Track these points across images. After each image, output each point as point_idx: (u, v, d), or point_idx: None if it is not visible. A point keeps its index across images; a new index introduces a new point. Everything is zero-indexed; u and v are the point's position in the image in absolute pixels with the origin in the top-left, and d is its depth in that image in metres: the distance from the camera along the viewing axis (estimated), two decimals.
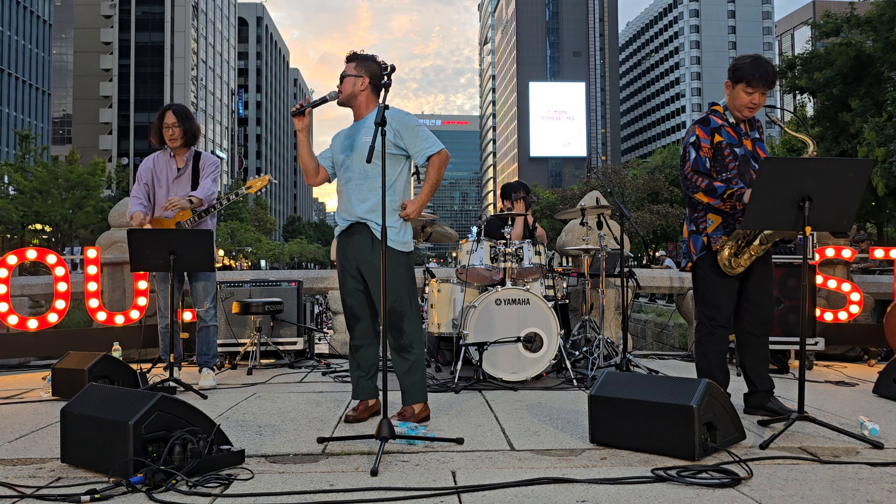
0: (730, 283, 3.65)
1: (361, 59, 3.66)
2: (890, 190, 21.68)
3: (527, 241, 5.00)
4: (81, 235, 39.13)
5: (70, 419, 2.85)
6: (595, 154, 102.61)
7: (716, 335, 3.68)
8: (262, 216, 70.40)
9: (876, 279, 7.00)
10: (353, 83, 3.63)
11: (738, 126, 3.68)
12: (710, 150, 3.63)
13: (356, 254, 3.61)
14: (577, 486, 2.56)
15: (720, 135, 3.63)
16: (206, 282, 4.86)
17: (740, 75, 3.56)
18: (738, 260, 3.57)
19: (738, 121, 3.70)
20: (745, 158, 3.63)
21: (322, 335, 7.77)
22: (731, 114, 3.67)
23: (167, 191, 4.84)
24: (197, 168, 4.88)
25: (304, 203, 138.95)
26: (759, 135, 3.77)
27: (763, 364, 3.71)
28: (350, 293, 3.67)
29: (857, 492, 2.48)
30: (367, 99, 3.66)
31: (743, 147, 3.65)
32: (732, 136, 3.65)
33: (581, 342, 5.70)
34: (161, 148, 4.93)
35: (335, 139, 3.78)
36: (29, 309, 6.55)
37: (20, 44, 55.10)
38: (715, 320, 3.67)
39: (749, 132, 3.72)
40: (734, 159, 3.61)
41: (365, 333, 3.69)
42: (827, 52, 24.85)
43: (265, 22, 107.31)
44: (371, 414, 3.72)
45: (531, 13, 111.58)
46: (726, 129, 3.65)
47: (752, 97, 3.56)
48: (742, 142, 3.66)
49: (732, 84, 3.61)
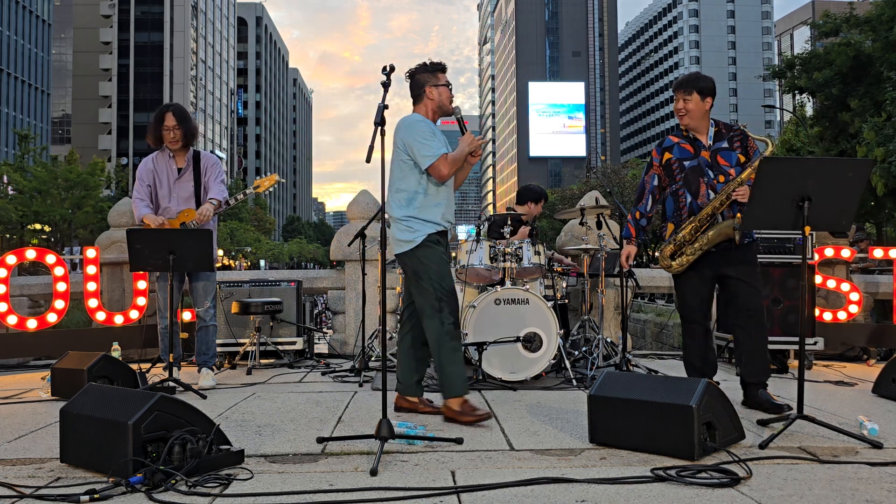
0: (691, 280, 3.93)
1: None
2: (889, 190, 21.67)
3: (526, 241, 5.00)
4: (81, 235, 39.11)
5: (69, 419, 2.85)
6: (594, 154, 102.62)
7: (689, 330, 4.00)
8: (261, 216, 70.40)
9: (875, 279, 7.00)
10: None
11: (697, 140, 3.93)
12: (660, 167, 4.04)
13: (446, 254, 3.79)
14: (577, 485, 2.56)
15: (670, 152, 4.00)
16: (206, 282, 4.86)
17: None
18: (675, 260, 3.90)
19: (692, 131, 3.95)
20: (694, 169, 3.90)
21: (321, 335, 7.77)
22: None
23: (168, 192, 4.82)
24: (198, 168, 4.86)
25: (304, 203, 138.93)
26: (731, 144, 3.89)
27: (749, 355, 3.83)
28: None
29: (857, 491, 2.49)
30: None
31: (698, 159, 3.90)
32: (687, 150, 3.94)
33: (580, 342, 5.70)
34: (159, 149, 4.90)
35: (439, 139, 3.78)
36: (28, 309, 6.55)
37: (19, 43, 55.08)
38: (684, 316, 4.01)
39: (714, 143, 3.91)
40: (681, 171, 3.93)
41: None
42: (826, 52, 24.84)
43: (265, 22, 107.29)
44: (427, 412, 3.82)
45: (530, 13, 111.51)
46: (681, 146, 3.96)
47: (675, 103, 3.93)
48: (699, 153, 3.90)
49: None
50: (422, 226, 3.67)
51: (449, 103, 3.83)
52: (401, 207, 3.71)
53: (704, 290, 3.93)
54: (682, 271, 3.91)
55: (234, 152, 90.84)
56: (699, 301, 3.94)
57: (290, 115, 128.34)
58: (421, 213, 3.68)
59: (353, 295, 6.66)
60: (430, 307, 3.60)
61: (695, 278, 3.90)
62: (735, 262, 3.82)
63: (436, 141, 3.68)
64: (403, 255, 3.71)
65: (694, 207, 3.88)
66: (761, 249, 5.54)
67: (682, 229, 3.87)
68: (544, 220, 37.12)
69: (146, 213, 4.71)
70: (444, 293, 3.61)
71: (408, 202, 3.69)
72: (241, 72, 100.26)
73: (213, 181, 4.85)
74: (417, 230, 3.66)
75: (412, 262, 3.67)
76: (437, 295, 3.60)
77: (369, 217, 6.47)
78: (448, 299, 3.62)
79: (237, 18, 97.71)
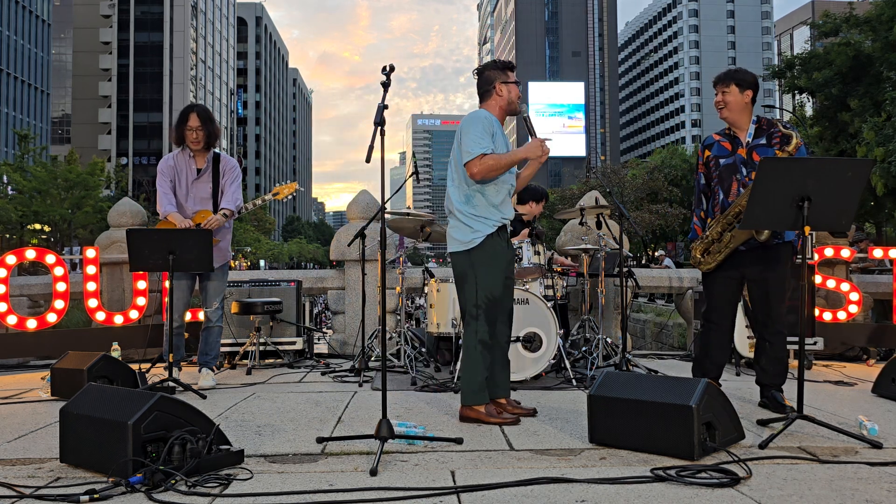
0: (716, 280, 3.91)
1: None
2: (889, 190, 21.68)
3: (526, 241, 5.00)
4: (80, 235, 39.09)
5: (69, 419, 2.85)
6: (594, 154, 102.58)
7: (707, 328, 4.00)
8: (261, 216, 70.31)
9: (875, 279, 7.00)
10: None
11: (736, 137, 3.89)
12: (703, 166, 4.02)
13: (509, 253, 3.76)
14: (577, 485, 2.56)
15: (710, 150, 3.98)
16: (217, 282, 4.85)
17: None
18: (707, 258, 3.88)
19: (735, 129, 3.90)
20: (728, 167, 3.86)
21: (321, 335, 7.77)
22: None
23: (187, 191, 4.82)
24: (217, 170, 4.86)
25: (304, 203, 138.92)
26: (770, 140, 3.82)
27: (767, 360, 3.87)
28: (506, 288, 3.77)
29: (856, 491, 2.49)
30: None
31: (734, 156, 3.86)
32: (725, 147, 3.90)
33: (580, 342, 5.70)
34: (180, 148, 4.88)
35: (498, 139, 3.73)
36: (28, 309, 6.55)
37: (19, 43, 55.06)
38: (706, 315, 4.00)
39: (751, 141, 3.85)
40: (717, 168, 3.91)
41: (505, 330, 3.81)
42: (826, 52, 24.87)
43: (264, 22, 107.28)
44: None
45: (530, 13, 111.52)
46: (721, 144, 3.93)
47: (715, 97, 3.91)
48: (735, 151, 3.86)
49: None
50: (482, 226, 3.62)
51: (518, 101, 3.80)
52: (461, 202, 3.68)
53: (729, 291, 3.91)
54: (711, 270, 3.89)
55: (234, 152, 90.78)
56: (723, 302, 3.92)
57: (289, 115, 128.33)
58: (480, 211, 3.64)
59: (352, 295, 6.66)
60: (468, 313, 3.63)
61: (721, 278, 3.89)
62: (761, 263, 3.79)
63: (487, 139, 3.59)
64: (456, 255, 3.67)
65: (725, 205, 3.85)
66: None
67: (712, 227, 3.86)
68: (544, 219, 37.12)
69: (172, 212, 4.70)
70: (485, 301, 3.59)
71: (466, 199, 3.66)
72: (241, 72, 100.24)
73: (230, 185, 4.84)
74: (478, 231, 3.62)
75: (462, 263, 3.64)
76: (476, 302, 3.59)
77: (369, 217, 6.47)
78: (487, 307, 3.59)
79: (237, 18, 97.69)
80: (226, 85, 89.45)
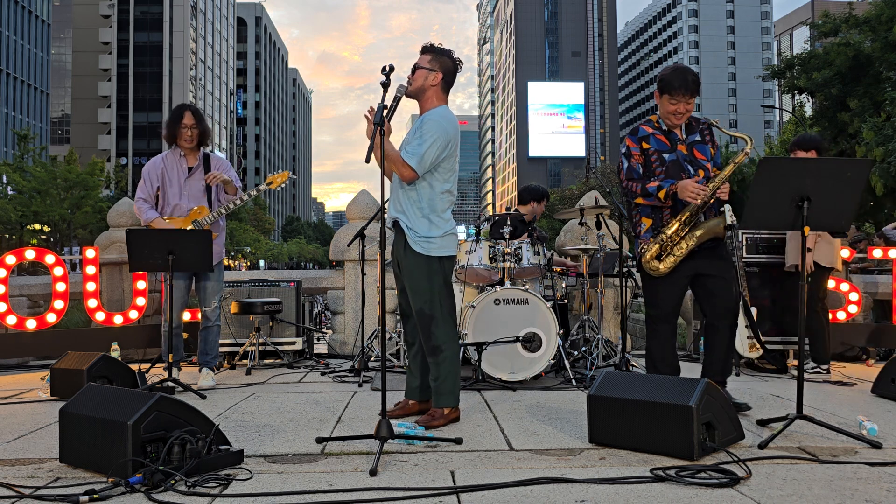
0: (665, 282, 3.75)
1: (437, 52, 3.58)
2: (888, 190, 21.70)
3: (525, 241, 5.00)
4: (80, 235, 39.09)
5: (69, 419, 2.85)
6: (594, 154, 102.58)
7: (657, 332, 3.83)
8: (260, 216, 70.37)
9: (874, 279, 7.00)
10: (426, 76, 3.54)
11: (671, 133, 3.82)
12: (641, 156, 3.83)
13: (396, 252, 3.64)
14: (576, 485, 2.56)
15: (648, 142, 3.82)
16: (215, 282, 4.86)
17: (663, 87, 3.74)
18: (661, 262, 3.71)
19: (671, 127, 3.83)
20: (674, 163, 3.79)
21: (321, 335, 7.77)
22: (664, 122, 3.83)
23: (179, 189, 4.83)
24: (209, 167, 4.88)
25: (303, 203, 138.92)
26: (703, 137, 3.85)
27: (716, 354, 3.76)
28: (400, 291, 3.73)
29: (856, 491, 2.49)
30: (436, 95, 3.58)
31: (676, 153, 3.79)
32: (663, 142, 3.82)
33: (580, 342, 5.70)
34: (170, 148, 4.92)
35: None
36: (27, 309, 6.54)
37: (18, 43, 55.05)
38: (653, 318, 3.83)
39: (687, 136, 3.83)
40: (661, 164, 3.79)
41: (412, 332, 3.73)
42: (825, 53, 24.87)
43: (264, 22, 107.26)
44: (408, 413, 3.74)
45: (530, 13, 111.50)
46: (657, 137, 3.83)
47: (676, 106, 3.71)
48: (676, 147, 3.80)
49: (659, 95, 3.78)
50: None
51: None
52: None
53: (679, 290, 3.79)
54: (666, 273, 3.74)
55: (234, 152, 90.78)
56: (675, 301, 3.81)
57: (289, 114, 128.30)
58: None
59: (352, 295, 6.66)
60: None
61: (673, 278, 3.74)
62: (715, 258, 3.73)
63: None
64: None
65: (678, 204, 3.72)
66: (760, 249, 5.56)
67: (668, 228, 3.70)
68: (544, 220, 37.12)
69: (154, 218, 4.73)
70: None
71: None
72: (241, 72, 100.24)
73: (226, 173, 4.88)
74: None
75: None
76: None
77: (368, 217, 6.47)
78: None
79: (236, 18, 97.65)
80: (225, 85, 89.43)
